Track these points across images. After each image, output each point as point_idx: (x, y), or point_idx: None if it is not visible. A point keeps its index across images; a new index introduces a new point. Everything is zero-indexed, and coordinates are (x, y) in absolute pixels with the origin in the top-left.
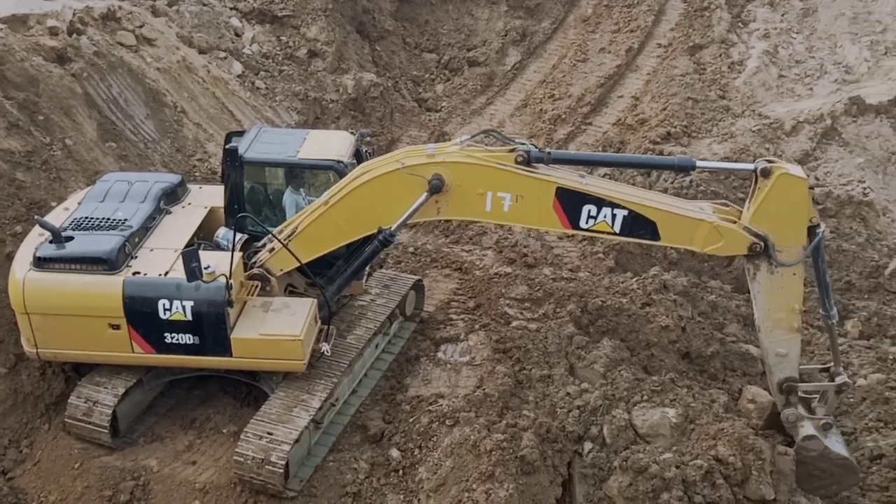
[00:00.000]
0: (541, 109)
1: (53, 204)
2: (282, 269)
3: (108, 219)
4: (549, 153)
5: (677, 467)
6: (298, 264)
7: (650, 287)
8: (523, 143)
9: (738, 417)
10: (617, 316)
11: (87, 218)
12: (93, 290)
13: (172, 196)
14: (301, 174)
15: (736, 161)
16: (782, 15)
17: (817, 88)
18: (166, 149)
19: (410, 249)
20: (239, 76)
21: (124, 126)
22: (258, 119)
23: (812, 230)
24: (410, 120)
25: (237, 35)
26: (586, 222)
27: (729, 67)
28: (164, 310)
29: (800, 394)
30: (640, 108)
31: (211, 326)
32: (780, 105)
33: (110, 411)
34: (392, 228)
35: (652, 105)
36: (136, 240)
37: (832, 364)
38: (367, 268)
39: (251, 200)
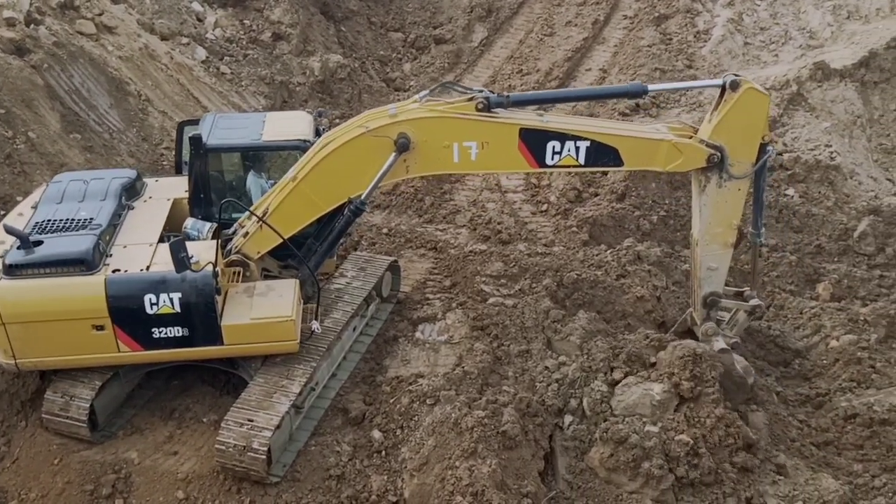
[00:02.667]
0: (509, 85)
1: (19, 199)
2: (259, 252)
3: (73, 219)
4: (507, 97)
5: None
6: (276, 244)
7: (624, 259)
8: (481, 91)
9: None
10: (592, 288)
11: (49, 220)
12: (73, 293)
13: (132, 191)
14: (262, 157)
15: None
16: None
17: (782, 55)
18: (132, 138)
19: (384, 230)
20: (203, 62)
21: (88, 116)
22: (225, 105)
23: (763, 148)
24: (379, 100)
25: (199, 20)
26: (552, 158)
27: (695, 37)
28: (151, 304)
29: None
30: (609, 81)
31: (200, 316)
32: (746, 72)
33: (88, 405)
34: (363, 196)
35: (620, 77)
36: (108, 238)
37: (748, 287)
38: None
39: (215, 188)
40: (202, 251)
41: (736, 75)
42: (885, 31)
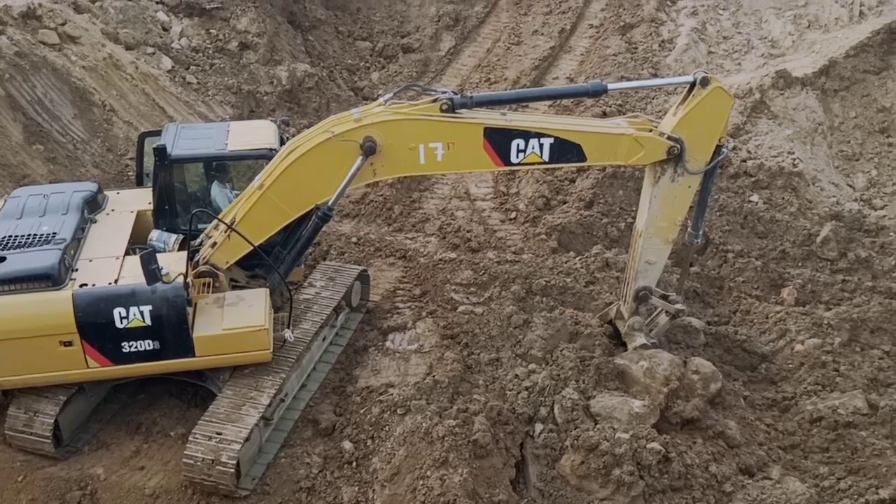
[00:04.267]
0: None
1: None
2: (228, 262)
3: (35, 234)
4: (471, 97)
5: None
6: (245, 253)
7: (593, 265)
8: (445, 92)
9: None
10: (562, 295)
11: (10, 237)
12: (39, 310)
13: (94, 204)
14: (227, 167)
15: None
16: None
17: (745, 63)
18: (97, 149)
19: (353, 239)
20: (169, 71)
21: (51, 127)
22: (191, 114)
23: (718, 149)
24: (347, 109)
25: (165, 29)
26: (517, 156)
27: (660, 45)
28: (121, 318)
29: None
30: None
31: (172, 328)
32: None
33: (52, 421)
34: (330, 201)
35: None
36: (72, 252)
37: (674, 293)
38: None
39: (180, 199)
40: (172, 263)
41: (706, 73)
42: (844, 40)
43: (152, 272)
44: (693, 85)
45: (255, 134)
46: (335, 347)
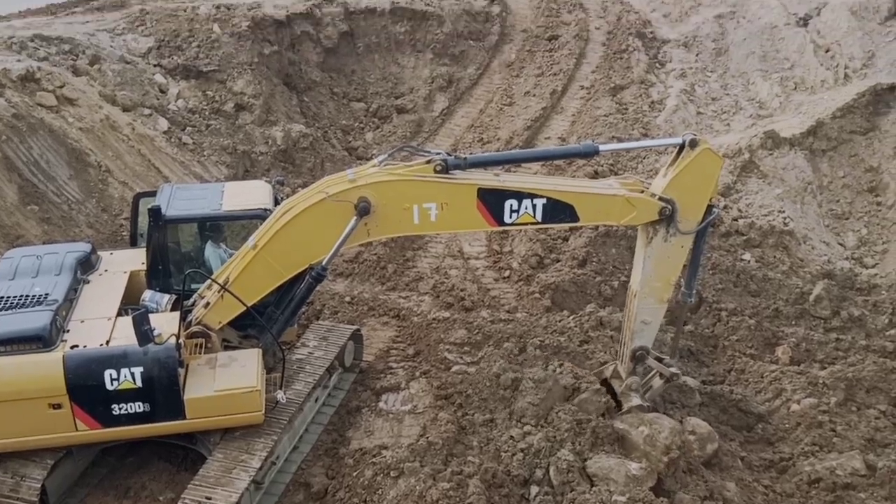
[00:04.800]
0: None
1: None
2: (220, 322)
3: (28, 295)
4: (465, 159)
5: None
6: (238, 313)
7: (587, 324)
8: (439, 153)
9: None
10: (556, 354)
11: (3, 297)
12: (29, 372)
13: (87, 265)
14: (221, 227)
15: None
16: (696, 55)
17: (734, 124)
18: (91, 209)
19: (347, 299)
20: (165, 132)
21: (46, 188)
22: (186, 175)
23: (709, 209)
24: (341, 169)
25: (162, 91)
26: (510, 216)
27: (650, 106)
28: (112, 380)
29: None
30: None
31: (163, 390)
32: None
33: (39, 485)
34: (324, 261)
35: None
36: (64, 313)
37: (668, 354)
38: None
39: (173, 260)
40: (164, 323)
41: (695, 135)
42: (830, 102)
43: (144, 333)
44: (682, 146)
45: (249, 194)
46: (328, 408)
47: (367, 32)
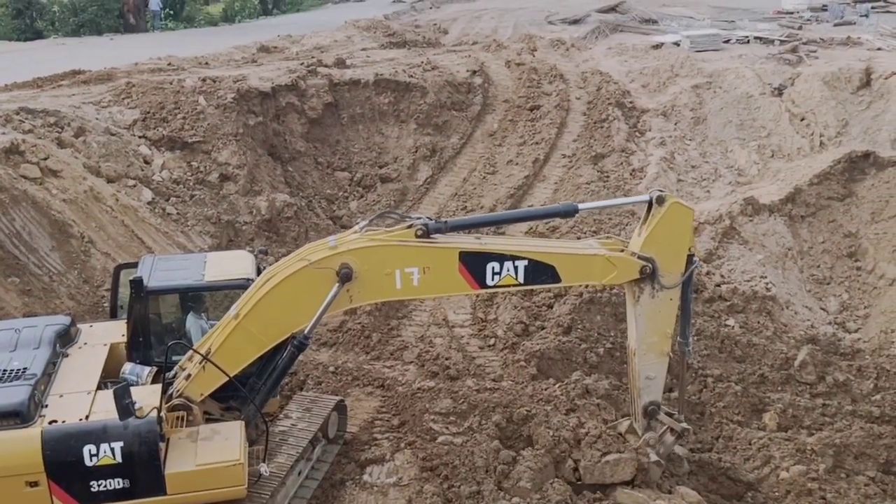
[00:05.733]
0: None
1: None
2: (202, 394)
3: (5, 370)
4: (445, 223)
5: None
6: (219, 384)
7: (573, 392)
8: (419, 218)
9: None
10: (542, 425)
11: None
12: (5, 448)
13: (66, 338)
14: (203, 298)
15: None
16: (675, 124)
17: (714, 191)
18: (73, 280)
19: (331, 369)
20: (149, 203)
21: (28, 260)
22: (170, 245)
23: (689, 259)
24: (326, 238)
25: (146, 162)
26: (492, 279)
27: (630, 174)
28: (91, 456)
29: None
30: None
31: (143, 465)
32: None
33: None
34: (307, 330)
35: None
36: (43, 387)
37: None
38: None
39: (154, 331)
40: (145, 396)
41: (660, 190)
42: (807, 169)
43: (125, 407)
44: (651, 204)
45: (232, 264)
46: (311, 482)
47: (351, 103)
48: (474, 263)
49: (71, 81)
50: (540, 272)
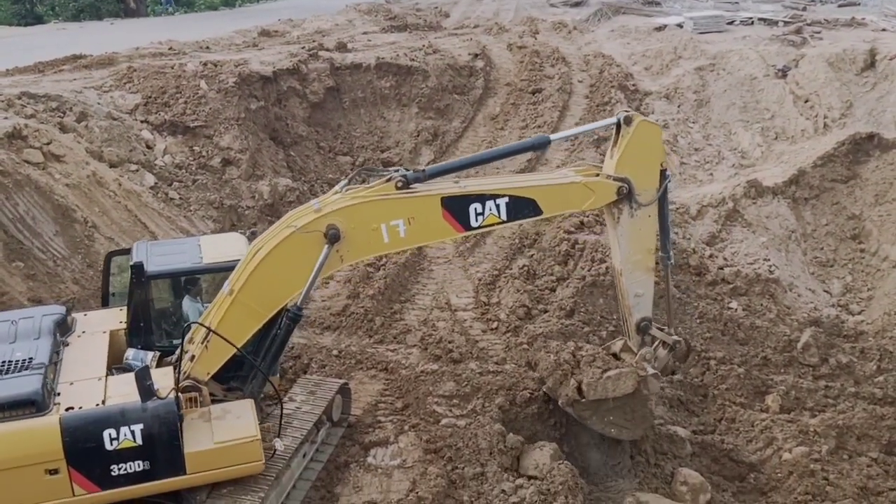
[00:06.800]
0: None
1: None
2: (208, 373)
3: (10, 361)
4: (423, 171)
5: None
6: (224, 360)
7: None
8: (398, 170)
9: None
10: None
11: None
12: (24, 438)
13: (64, 327)
14: (198, 281)
15: None
16: (678, 106)
17: (717, 173)
18: (77, 265)
19: (334, 352)
20: (152, 188)
21: (32, 244)
22: (173, 230)
23: (662, 174)
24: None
25: (149, 147)
26: (476, 220)
27: None
28: (111, 440)
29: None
30: None
31: (164, 446)
32: (683, 191)
33: None
34: (301, 296)
35: None
36: (52, 376)
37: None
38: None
39: (155, 316)
40: (158, 379)
41: (626, 111)
42: (811, 151)
43: (147, 388)
44: (619, 125)
45: (228, 246)
46: (315, 464)
47: (352, 87)
48: (457, 207)
49: (72, 66)
50: (521, 207)
